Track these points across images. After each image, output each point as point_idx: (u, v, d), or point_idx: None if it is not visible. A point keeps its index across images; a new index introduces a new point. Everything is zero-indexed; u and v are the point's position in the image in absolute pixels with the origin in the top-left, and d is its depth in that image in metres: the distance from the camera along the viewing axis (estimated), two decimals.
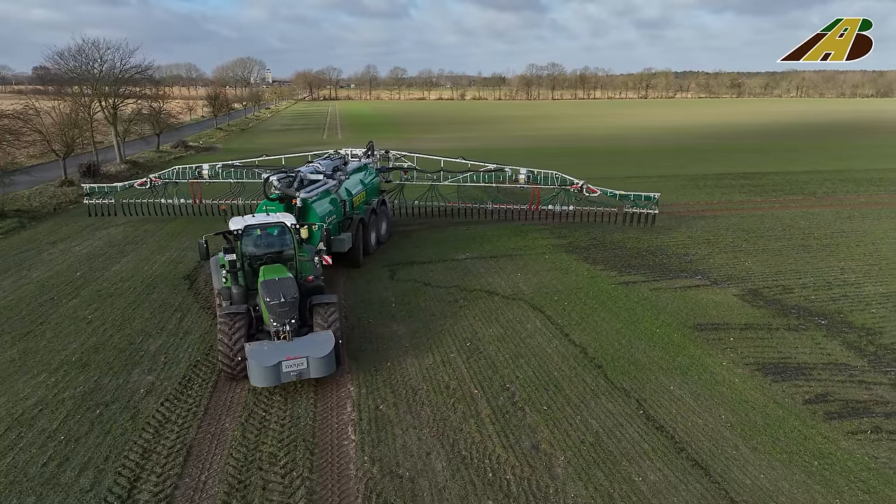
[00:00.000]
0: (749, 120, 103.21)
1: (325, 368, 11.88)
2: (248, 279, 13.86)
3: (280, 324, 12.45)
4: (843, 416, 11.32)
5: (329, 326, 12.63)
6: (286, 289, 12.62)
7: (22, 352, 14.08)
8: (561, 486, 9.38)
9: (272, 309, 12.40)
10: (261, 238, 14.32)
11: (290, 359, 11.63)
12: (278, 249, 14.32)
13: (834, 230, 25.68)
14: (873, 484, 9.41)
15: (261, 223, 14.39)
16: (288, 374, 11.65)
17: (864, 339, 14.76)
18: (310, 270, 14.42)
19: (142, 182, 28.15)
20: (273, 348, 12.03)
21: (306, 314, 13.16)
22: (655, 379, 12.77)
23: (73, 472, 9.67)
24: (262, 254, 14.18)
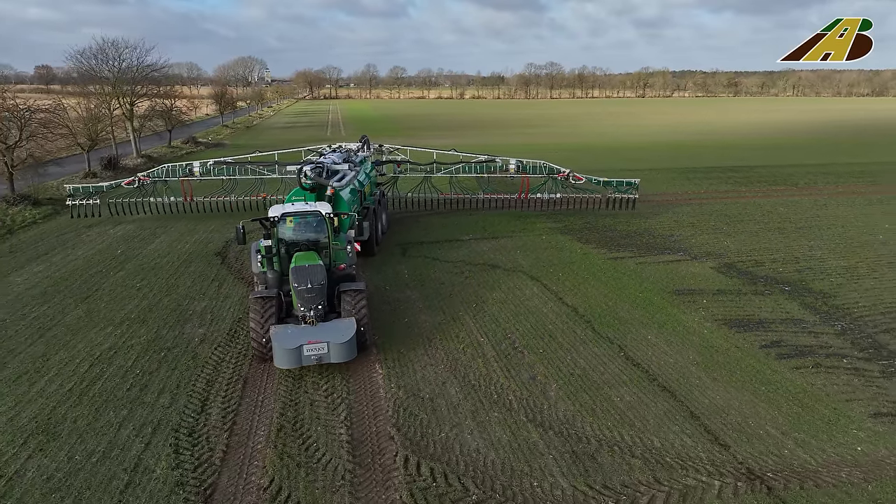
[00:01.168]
0: (745, 119, 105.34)
1: (345, 354, 12.26)
2: (284, 265, 14.26)
3: (307, 309, 12.80)
4: (791, 357, 13.46)
5: (357, 313, 13.00)
6: (314, 275, 13.00)
7: (87, 311, 16.20)
8: (553, 403, 11.51)
9: (300, 294, 12.81)
10: (297, 225, 14.70)
11: (312, 343, 12.03)
12: (314, 237, 14.72)
13: (809, 215, 27.82)
14: (806, 401, 11.55)
15: (298, 211, 14.80)
16: (309, 358, 12.05)
17: (819, 301, 16.91)
18: (343, 259, 14.81)
19: (130, 181, 27.52)
20: (297, 332, 12.45)
21: (335, 301, 13.62)
22: (636, 330, 14.91)
23: (153, 395, 11.79)
24: (297, 241, 14.62)
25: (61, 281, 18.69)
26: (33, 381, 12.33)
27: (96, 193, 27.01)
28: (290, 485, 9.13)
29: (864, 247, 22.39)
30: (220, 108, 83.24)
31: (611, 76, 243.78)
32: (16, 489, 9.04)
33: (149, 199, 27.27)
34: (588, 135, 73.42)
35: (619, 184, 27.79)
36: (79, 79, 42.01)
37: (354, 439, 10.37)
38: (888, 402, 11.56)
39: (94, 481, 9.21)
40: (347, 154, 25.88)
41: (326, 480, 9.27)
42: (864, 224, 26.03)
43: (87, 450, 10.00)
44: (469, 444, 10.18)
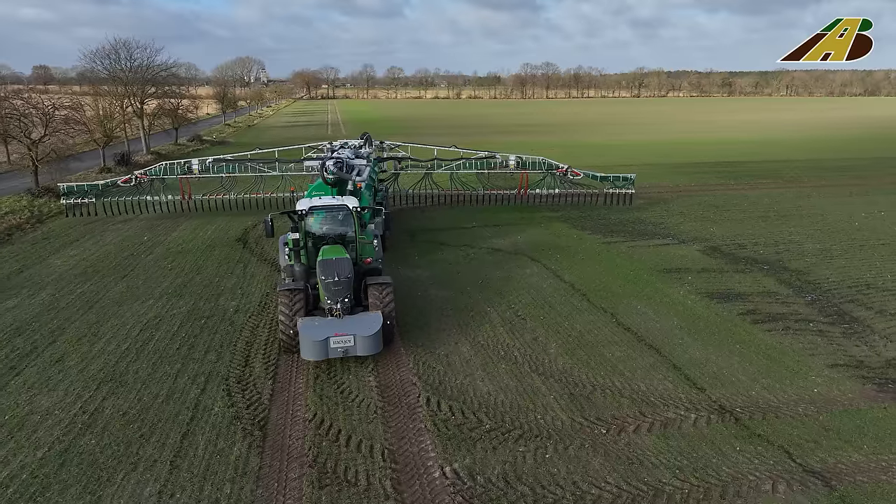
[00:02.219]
0: (739, 118, 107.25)
1: (371, 347, 12.37)
2: (311, 258, 14.32)
3: (333, 301, 12.92)
4: (765, 322, 15.13)
5: (384, 307, 13.09)
6: (341, 268, 13.06)
7: (127, 287, 17.78)
8: (553, 358, 13.15)
9: (326, 287, 12.92)
10: (324, 219, 14.88)
11: (338, 335, 12.16)
12: (341, 231, 14.85)
13: (792, 205, 29.54)
14: (774, 356, 13.22)
15: (325, 205, 14.86)
16: (335, 350, 12.16)
17: (794, 277, 18.60)
18: (370, 253, 14.86)
19: (126, 179, 27.09)
20: (323, 324, 12.58)
21: (361, 294, 13.72)
22: (627, 301, 16.56)
23: (200, 353, 13.38)
24: (324, 234, 14.76)
25: (97, 263, 20.23)
26: (93, 342, 13.91)
27: (91, 192, 26.50)
28: (331, 417, 10.75)
29: (839, 232, 24.12)
30: (223, 107, 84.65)
31: (606, 76, 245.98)
32: (99, 421, 10.62)
33: (146, 198, 26.84)
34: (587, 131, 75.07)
35: (615, 179, 28.70)
36: (93, 78, 43.30)
37: (382, 384, 11.99)
38: (845, 356, 13.24)
39: (163, 416, 10.80)
40: (355, 150, 26.24)
41: (361, 414, 10.88)
42: (843, 213, 27.75)
43: (152, 393, 11.59)
44: (481, 389, 11.80)
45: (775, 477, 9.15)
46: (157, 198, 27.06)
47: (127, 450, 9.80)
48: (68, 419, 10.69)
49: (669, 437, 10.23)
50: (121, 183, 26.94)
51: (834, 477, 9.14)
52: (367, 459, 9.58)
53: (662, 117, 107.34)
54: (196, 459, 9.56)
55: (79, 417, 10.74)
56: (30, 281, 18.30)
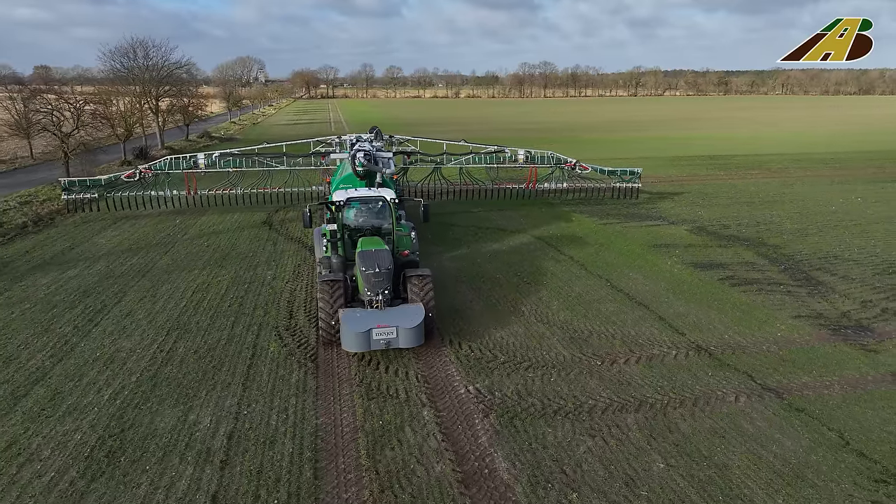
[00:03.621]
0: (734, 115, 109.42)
1: (413, 339, 12.24)
2: (348, 250, 14.41)
3: (374, 293, 12.69)
4: (741, 285, 17.22)
5: (424, 299, 13.02)
6: (381, 260, 12.95)
7: (172, 260, 19.80)
8: (555, 312, 15.21)
9: (367, 278, 12.71)
10: (361, 211, 14.85)
11: (381, 327, 12.01)
12: (377, 223, 14.87)
13: (776, 193, 31.65)
14: (747, 310, 15.31)
15: (362, 196, 14.84)
16: (378, 342, 12.04)
17: (770, 251, 20.69)
18: (407, 245, 14.85)
19: (130, 174, 26.47)
20: (365, 315, 12.40)
21: (400, 286, 13.62)
22: (620, 270, 18.63)
23: (249, 309, 15.42)
24: (361, 226, 14.74)
25: (139, 241, 22.24)
26: (154, 301, 15.95)
27: (93, 187, 26.02)
28: (370, 354, 12.74)
29: (816, 214, 26.24)
30: (229, 105, 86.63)
31: (604, 76, 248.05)
32: (175, 357, 12.66)
33: (150, 193, 26.29)
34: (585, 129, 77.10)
35: (622, 172, 28.87)
36: (108, 78, 45.27)
37: None
38: (807, 309, 15.33)
39: (229, 354, 12.84)
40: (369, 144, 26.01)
41: (395, 351, 12.90)
42: (822, 199, 29.87)
43: (215, 338, 13.63)
44: (494, 334, 13.85)
45: (738, 392, 11.23)
46: (162, 193, 26.41)
47: (204, 376, 11.85)
48: (149, 355, 12.73)
49: (653, 366, 12.30)
50: (124, 178, 26.38)
51: (785, 392, 11.23)
52: (405, 381, 11.64)
53: (659, 115, 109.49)
54: (263, 382, 11.61)
55: (158, 354, 12.78)
56: (83, 255, 20.30)
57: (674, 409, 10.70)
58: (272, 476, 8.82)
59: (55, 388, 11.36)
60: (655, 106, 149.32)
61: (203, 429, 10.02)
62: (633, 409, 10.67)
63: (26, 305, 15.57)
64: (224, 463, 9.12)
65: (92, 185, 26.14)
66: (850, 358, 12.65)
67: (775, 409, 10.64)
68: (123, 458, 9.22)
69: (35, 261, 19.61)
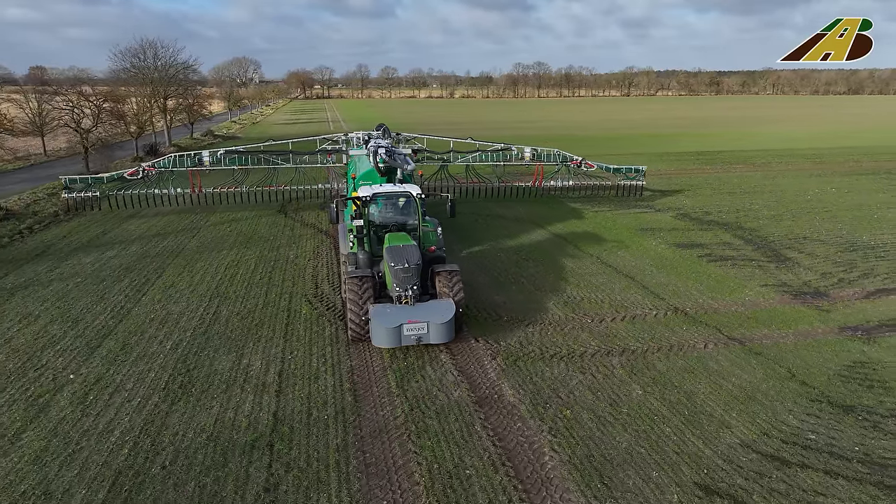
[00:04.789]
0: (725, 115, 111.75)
1: (444, 335, 12.26)
2: (374, 246, 14.47)
3: (402, 289, 12.69)
4: (717, 260, 19.21)
5: (454, 294, 13.03)
6: (410, 255, 12.95)
7: (200, 242, 21.64)
8: (552, 283, 17.14)
9: (396, 274, 12.67)
10: (387, 206, 14.96)
11: (412, 322, 12.00)
12: (403, 219, 14.98)
13: (756, 184, 33.73)
14: (721, 279, 17.29)
15: (389, 192, 14.93)
16: (408, 338, 12.05)
17: (747, 233, 22.71)
18: (432, 241, 14.81)
19: (133, 172, 26.15)
20: (396, 311, 12.39)
21: (427, 282, 13.65)
22: (609, 249, 20.59)
23: (278, 281, 17.29)
24: (387, 222, 14.82)
25: (166, 227, 24.04)
26: (192, 275, 17.79)
27: (94, 185, 25.78)
28: None
29: (792, 203, 28.31)
30: (230, 104, 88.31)
31: (597, 76, 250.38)
32: (221, 318, 14.53)
33: (153, 191, 26.14)
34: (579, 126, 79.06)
35: (627, 170, 29.61)
36: (125, 77, 47.00)
37: None
38: (773, 279, 17.33)
39: (267, 315, 14.72)
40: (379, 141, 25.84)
41: None
42: (799, 189, 31.97)
43: (252, 304, 15.50)
44: (496, 300, 15.76)
45: (707, 341, 13.20)
46: (166, 191, 26.29)
47: (248, 332, 13.73)
48: (198, 317, 14.60)
49: (636, 323, 14.26)
50: (127, 176, 26.09)
51: (747, 340, 13.21)
52: None
53: (651, 114, 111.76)
54: (301, 336, 13.50)
55: (205, 316, 14.65)
56: (116, 239, 22.10)
57: (652, 353, 12.65)
58: (320, 400, 10.72)
59: (122, 340, 13.22)
60: (648, 105, 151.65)
61: (256, 369, 11.91)
62: (618, 354, 12.62)
63: (78, 279, 17.40)
64: (278, 392, 11.01)
65: (93, 183, 25.77)
66: (805, 316, 14.65)
67: (737, 353, 12.62)
68: (194, 389, 11.10)
69: (74, 244, 21.40)
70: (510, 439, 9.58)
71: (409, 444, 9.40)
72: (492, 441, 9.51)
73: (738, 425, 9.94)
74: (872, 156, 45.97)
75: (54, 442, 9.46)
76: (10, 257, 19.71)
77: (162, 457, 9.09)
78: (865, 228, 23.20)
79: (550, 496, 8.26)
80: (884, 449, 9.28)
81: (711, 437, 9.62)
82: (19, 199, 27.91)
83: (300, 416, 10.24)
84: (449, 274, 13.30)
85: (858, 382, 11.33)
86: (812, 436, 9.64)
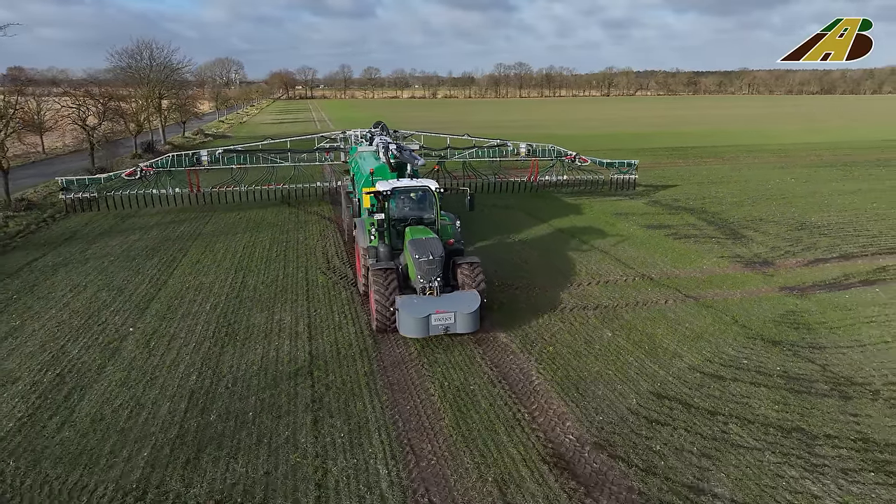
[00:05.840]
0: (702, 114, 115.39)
1: (471, 324, 12.53)
2: (393, 239, 14.83)
3: (427, 280, 12.96)
4: (681, 238, 21.70)
5: (476, 285, 13.38)
6: (434, 247, 13.30)
7: (215, 227, 23.63)
8: (535, 258, 19.46)
9: (420, 266, 12.97)
10: (406, 201, 15.34)
11: (440, 312, 12.27)
12: (421, 212, 15.37)
13: (723, 175, 36.45)
14: (683, 253, 19.76)
15: (408, 186, 15.26)
16: (436, 327, 12.30)
17: (710, 216, 25.27)
18: (450, 234, 15.20)
19: (130, 172, 26.08)
20: (423, 301, 12.66)
21: (449, 274, 13.93)
22: (587, 231, 22.97)
23: (293, 258, 19.39)
24: (405, 216, 15.19)
25: (180, 214, 25.96)
26: (214, 253, 19.83)
27: (92, 185, 25.83)
28: None
29: (754, 191, 31.01)
30: (217, 104, 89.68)
31: (577, 76, 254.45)
32: (248, 287, 16.61)
33: (151, 191, 26.29)
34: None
35: (620, 164, 30.77)
36: (123, 77, 48.50)
37: None
38: (729, 252, 19.84)
39: (289, 284, 16.83)
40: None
41: None
42: (762, 179, 34.73)
43: (272, 276, 17.60)
44: (488, 271, 18.02)
45: (667, 298, 15.60)
46: (164, 191, 26.45)
47: (275, 296, 15.85)
48: (227, 286, 16.68)
49: (608, 287, 16.63)
50: (125, 176, 26.09)
51: (701, 297, 15.64)
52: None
53: (631, 114, 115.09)
54: (321, 298, 15.65)
55: (234, 284, 16.74)
56: (135, 226, 24.00)
57: (621, 308, 15.01)
58: (345, 343, 12.90)
59: (167, 303, 15.28)
60: (627, 105, 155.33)
61: (288, 322, 14.05)
62: (592, 308, 14.97)
63: (111, 258, 19.37)
64: (309, 338, 13.17)
65: (91, 183, 25.80)
66: (752, 279, 17.15)
67: (691, 306, 15.04)
68: (238, 337, 13.22)
69: (97, 230, 23.27)
70: (504, 366, 11.85)
71: (423, 370, 11.63)
72: (489, 367, 11.77)
73: (687, 355, 12.32)
74: (833, 150, 49.09)
75: (132, 373, 11.54)
76: (42, 241, 21.58)
77: (224, 381, 11.23)
78: (815, 211, 25.89)
79: (537, 402, 10.54)
80: (799, 368, 11.70)
81: (666, 363, 11.98)
82: (35, 192, 29.66)
83: (331, 354, 12.41)
84: (470, 266, 13.73)
85: (787, 325, 13.80)
86: (745, 361, 12.04)
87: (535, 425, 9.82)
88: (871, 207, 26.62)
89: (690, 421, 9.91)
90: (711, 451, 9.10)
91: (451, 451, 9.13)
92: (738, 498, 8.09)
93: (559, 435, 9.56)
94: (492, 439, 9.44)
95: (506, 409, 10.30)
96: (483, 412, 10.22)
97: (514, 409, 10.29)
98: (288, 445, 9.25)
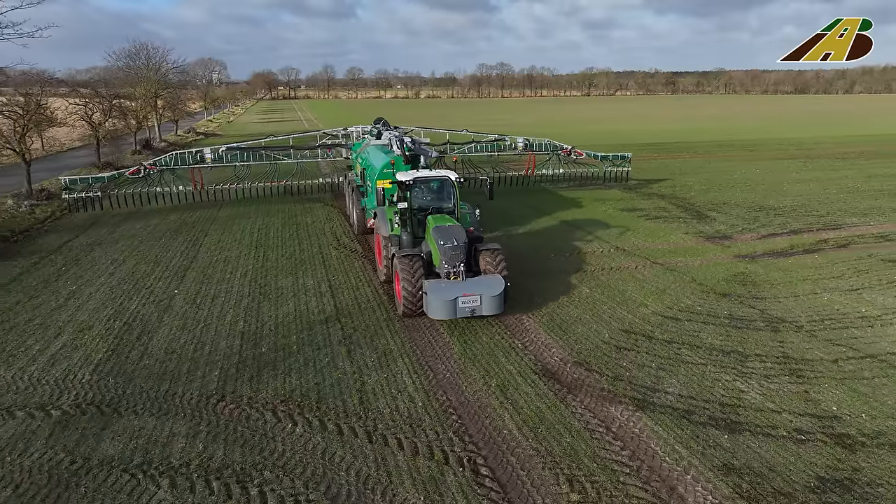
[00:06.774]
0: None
1: (496, 307, 13.11)
2: (415, 228, 15.31)
3: (452, 266, 13.49)
4: (653, 219, 24.24)
5: (498, 270, 13.92)
6: (457, 234, 13.89)
7: (229, 213, 25.69)
8: (521, 236, 21.85)
9: (445, 252, 13.50)
10: (426, 190, 15.84)
11: (467, 295, 12.84)
12: (441, 202, 15.88)
13: (694, 167, 39.22)
14: (654, 231, 22.29)
15: (429, 176, 15.79)
16: (463, 310, 12.86)
17: (679, 201, 27.89)
18: (469, 222, 15.67)
19: (134, 171, 26.38)
20: (450, 285, 13.15)
21: (471, 261, 14.39)
22: (569, 213, 25.44)
23: (306, 238, 21.55)
24: (426, 206, 15.69)
25: (193, 202, 27.94)
26: (232, 234, 21.93)
27: (95, 184, 25.89)
28: None
29: (721, 180, 33.77)
30: (206, 104, 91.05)
31: (558, 76, 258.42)
32: (270, 260, 18.77)
33: (155, 190, 26.56)
34: None
35: (614, 157, 32.19)
36: (121, 77, 50.07)
37: None
38: (694, 230, 22.41)
39: (306, 256, 19.02)
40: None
41: None
42: (729, 171, 37.56)
43: (290, 251, 19.76)
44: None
45: (637, 264, 18.07)
46: (168, 189, 26.76)
47: (295, 266, 18.04)
48: (252, 258, 18.83)
49: (587, 256, 19.06)
50: (128, 174, 26.35)
51: (666, 264, 18.13)
52: None
53: (611, 113, 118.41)
54: (337, 267, 17.87)
55: (258, 257, 18.90)
56: (154, 211, 25.99)
57: (598, 272, 17.44)
58: (364, 299, 15.15)
59: (201, 272, 17.41)
60: (607, 105, 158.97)
61: (311, 285, 16.26)
62: (573, 272, 17.38)
63: (139, 238, 21.41)
64: (332, 296, 15.39)
65: (94, 182, 25.84)
66: (711, 250, 19.70)
67: (658, 270, 17.52)
68: (271, 295, 15.41)
69: (119, 216, 25.23)
70: (500, 313, 14.19)
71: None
72: None
73: (651, 304, 14.76)
74: (798, 145, 52.28)
75: (188, 321, 13.70)
76: (70, 226, 23.54)
77: (268, 325, 13.44)
78: (773, 197, 28.64)
79: (528, 336, 12.90)
80: (742, 312, 14.20)
81: (633, 310, 14.41)
82: (49, 184, 31.40)
83: (353, 307, 14.65)
84: (492, 252, 14.37)
85: (737, 283, 16.33)
86: (698, 308, 14.52)
87: (526, 351, 12.18)
88: (823, 193, 29.46)
89: (651, 347, 12.33)
90: (666, 365, 11.52)
91: (461, 369, 11.45)
92: (684, 394, 10.50)
93: (546, 357, 11.92)
94: (493, 360, 11.78)
95: (503, 342, 12.64)
96: (484, 344, 12.56)
97: (509, 341, 12.64)
98: (330, 367, 11.50)
